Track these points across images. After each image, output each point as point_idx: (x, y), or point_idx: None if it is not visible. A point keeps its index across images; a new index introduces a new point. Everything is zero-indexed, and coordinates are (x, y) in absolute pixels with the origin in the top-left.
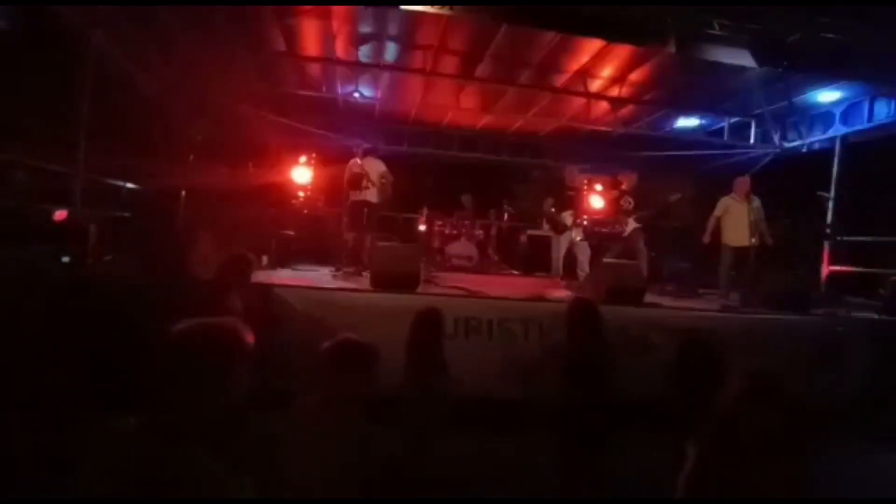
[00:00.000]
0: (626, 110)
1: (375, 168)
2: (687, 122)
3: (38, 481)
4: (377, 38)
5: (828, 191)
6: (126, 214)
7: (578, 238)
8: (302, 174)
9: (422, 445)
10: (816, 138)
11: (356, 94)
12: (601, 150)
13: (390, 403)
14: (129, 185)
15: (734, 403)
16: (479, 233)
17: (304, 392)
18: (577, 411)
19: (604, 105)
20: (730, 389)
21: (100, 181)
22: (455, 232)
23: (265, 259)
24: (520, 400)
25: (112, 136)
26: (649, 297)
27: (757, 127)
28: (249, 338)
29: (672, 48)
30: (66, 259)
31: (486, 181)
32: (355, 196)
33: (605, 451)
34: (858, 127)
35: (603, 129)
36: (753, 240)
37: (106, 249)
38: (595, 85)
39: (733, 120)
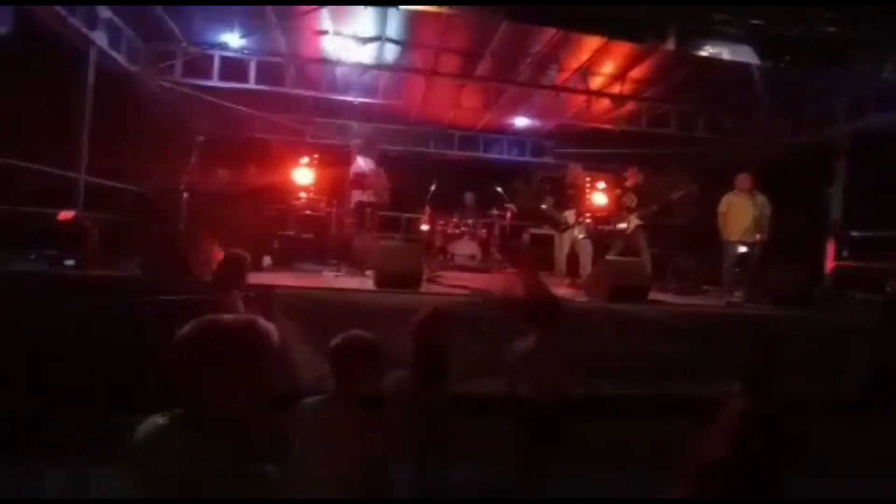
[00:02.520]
0: (628, 107)
1: (368, 167)
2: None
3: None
4: (377, 38)
5: (833, 186)
6: (128, 217)
7: (581, 236)
8: (304, 175)
9: (439, 442)
10: (822, 132)
11: (357, 95)
12: (603, 148)
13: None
14: (132, 188)
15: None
16: (482, 231)
17: (308, 395)
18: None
19: (605, 102)
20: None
21: (102, 184)
22: (457, 231)
23: (267, 260)
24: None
25: (114, 138)
26: (653, 295)
27: (761, 122)
28: (274, 335)
29: (672, 45)
30: (69, 262)
31: (488, 180)
32: (357, 196)
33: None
34: (864, 120)
35: (604, 126)
36: (758, 236)
37: (108, 252)
38: (596, 82)
39: (736, 115)
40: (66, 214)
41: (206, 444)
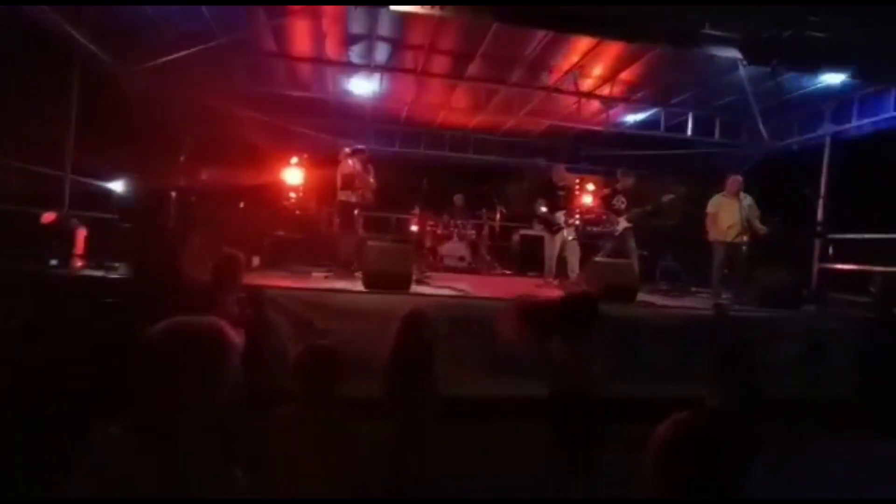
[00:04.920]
0: (618, 109)
1: (357, 168)
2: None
3: (32, 485)
4: (368, 38)
5: (818, 188)
6: (115, 216)
7: (570, 237)
8: (294, 175)
9: (415, 444)
10: (807, 136)
11: (348, 95)
12: (593, 150)
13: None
14: (119, 187)
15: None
16: (472, 233)
17: (288, 397)
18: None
19: (595, 104)
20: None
21: (89, 183)
22: (447, 232)
23: (256, 260)
24: (511, 397)
25: (101, 137)
26: (642, 296)
27: (747, 125)
28: (234, 337)
29: (663, 46)
30: (53, 262)
31: (479, 181)
32: (345, 196)
33: (595, 444)
34: (848, 124)
35: (594, 128)
36: (745, 237)
37: (95, 251)
38: (586, 84)
39: (724, 118)
40: (49, 216)
41: (170, 449)
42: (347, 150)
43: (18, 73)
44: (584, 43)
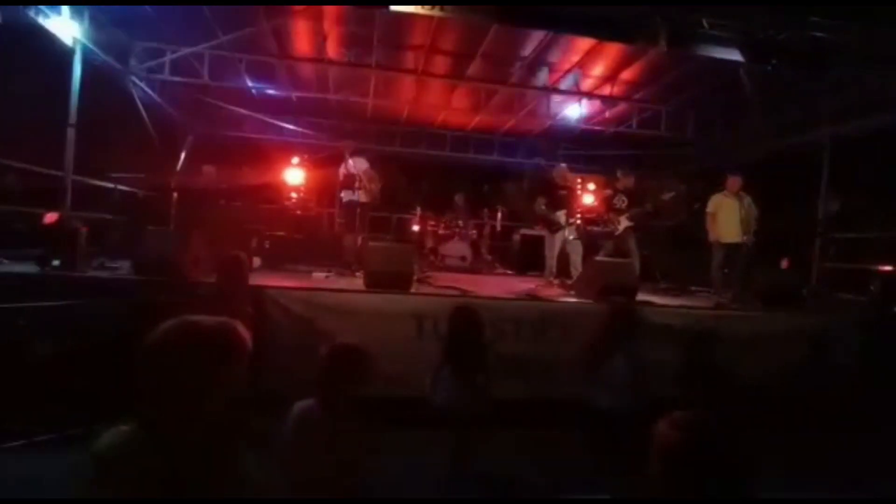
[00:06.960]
0: (618, 109)
1: (361, 167)
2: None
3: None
4: (368, 38)
5: (819, 188)
6: (117, 216)
7: (571, 237)
8: (295, 175)
9: (469, 443)
10: (808, 135)
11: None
12: (593, 149)
13: (405, 403)
14: (121, 187)
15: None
16: (473, 232)
17: (299, 395)
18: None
19: (596, 104)
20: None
21: (90, 183)
22: (448, 232)
23: (258, 260)
24: (515, 399)
25: (102, 137)
26: (642, 296)
27: (747, 124)
28: (245, 336)
29: (663, 46)
30: (56, 262)
31: (479, 181)
32: (347, 196)
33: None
34: (849, 124)
35: (595, 128)
36: (745, 237)
37: (98, 252)
38: (586, 84)
39: (723, 118)
40: (51, 216)
41: (178, 448)
42: (347, 148)
43: (19, 72)
44: (583, 43)
